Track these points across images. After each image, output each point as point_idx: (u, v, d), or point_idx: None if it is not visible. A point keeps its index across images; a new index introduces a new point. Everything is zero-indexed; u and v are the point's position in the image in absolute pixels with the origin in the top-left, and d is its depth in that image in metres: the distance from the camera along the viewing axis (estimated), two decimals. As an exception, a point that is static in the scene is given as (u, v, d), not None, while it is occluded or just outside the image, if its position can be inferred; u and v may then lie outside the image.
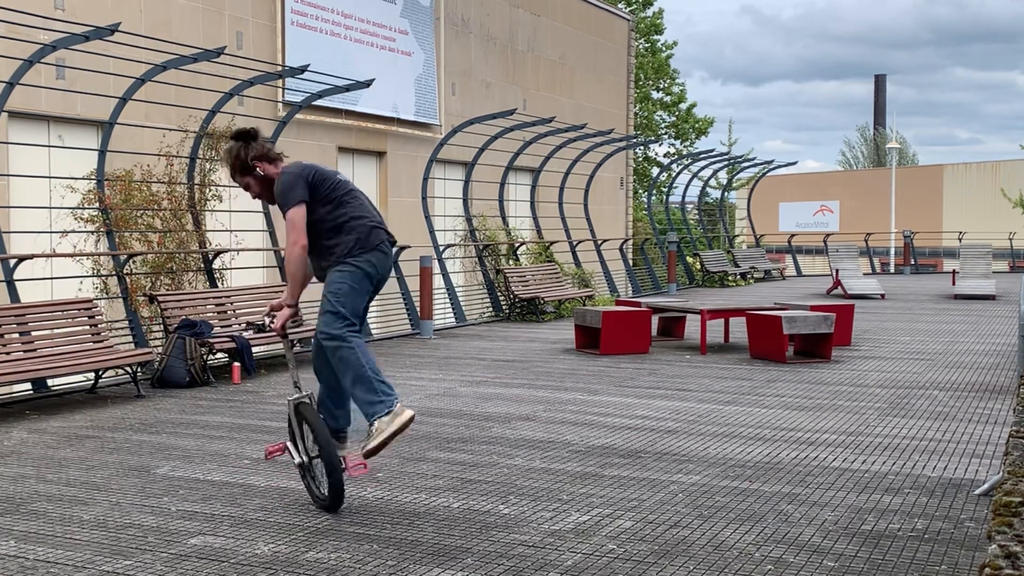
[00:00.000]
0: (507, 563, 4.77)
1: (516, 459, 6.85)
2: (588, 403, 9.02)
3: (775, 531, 5.25)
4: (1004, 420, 8.11)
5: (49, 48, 10.39)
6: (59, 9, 15.02)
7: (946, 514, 5.54)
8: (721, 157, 28.62)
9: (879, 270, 32.50)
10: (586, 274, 19.63)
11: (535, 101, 26.88)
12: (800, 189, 63.40)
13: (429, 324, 14.39)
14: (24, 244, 13.20)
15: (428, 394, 9.51)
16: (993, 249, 23.86)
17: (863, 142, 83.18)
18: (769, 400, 9.13)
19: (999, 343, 13.35)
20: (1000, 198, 45.98)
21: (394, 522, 5.41)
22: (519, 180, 23.05)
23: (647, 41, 41.02)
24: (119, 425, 8.19)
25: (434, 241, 17.06)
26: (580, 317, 12.82)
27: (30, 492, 6.08)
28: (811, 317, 11.75)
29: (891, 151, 51.66)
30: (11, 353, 8.96)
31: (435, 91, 23.83)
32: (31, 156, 14.41)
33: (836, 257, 22.70)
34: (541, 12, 28.32)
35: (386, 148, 22.55)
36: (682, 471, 6.52)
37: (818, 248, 32.54)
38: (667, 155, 41.55)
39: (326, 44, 20.48)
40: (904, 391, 9.58)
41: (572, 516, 5.52)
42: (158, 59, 11.60)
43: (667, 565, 4.75)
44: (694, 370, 11.01)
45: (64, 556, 4.91)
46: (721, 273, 25.09)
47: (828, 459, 6.84)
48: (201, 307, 11.22)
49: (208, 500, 5.88)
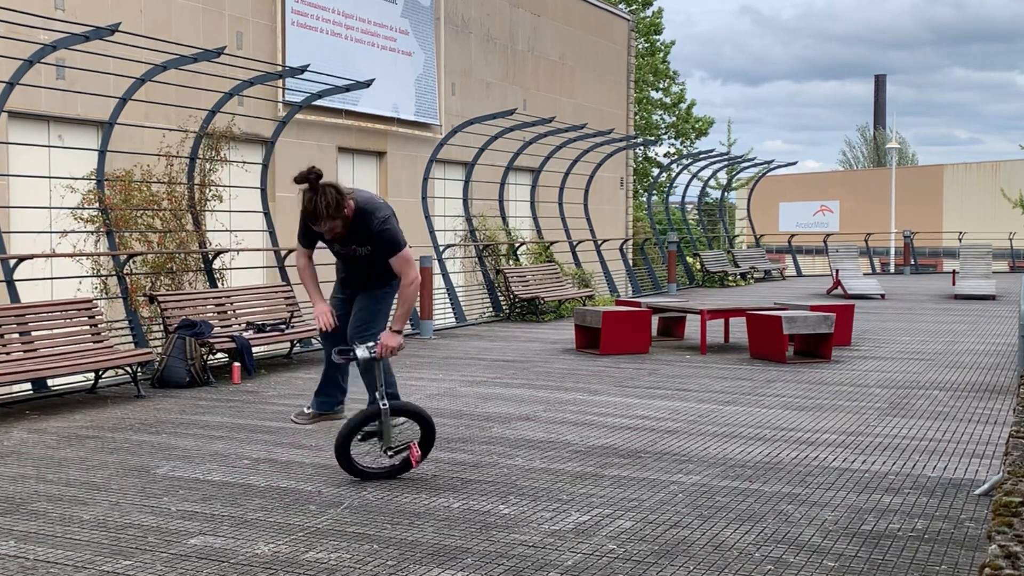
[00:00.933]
0: (507, 563, 4.77)
1: (516, 459, 6.85)
2: (588, 403, 9.02)
3: (775, 531, 5.25)
4: (1004, 420, 8.11)
5: (49, 48, 10.39)
6: (59, 9, 15.02)
7: (946, 514, 5.54)
8: (721, 157, 28.62)
9: (879, 270, 32.49)
10: (586, 274, 19.62)
11: (535, 101, 26.88)
12: (800, 189, 63.41)
13: (429, 324, 14.39)
14: (24, 244, 13.20)
15: (428, 394, 9.51)
16: (993, 249, 23.86)
17: (863, 142, 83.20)
18: (769, 400, 9.13)
19: (999, 343, 13.35)
20: (1000, 198, 45.99)
21: (394, 522, 5.41)
22: (519, 180, 23.05)
23: (647, 41, 41.02)
24: (119, 425, 8.19)
25: (434, 241, 17.06)
26: (580, 317, 12.82)
27: (30, 492, 6.08)
28: (811, 317, 11.75)
29: (891, 151, 51.68)
30: (11, 353, 8.95)
31: (435, 91, 23.84)
32: (31, 156, 14.42)
33: (836, 257, 22.70)
34: (541, 12, 28.33)
35: (386, 148, 22.55)
36: (682, 471, 6.52)
37: (818, 248, 32.55)
38: (667, 155, 41.57)
39: (326, 44, 20.48)
40: (904, 391, 9.58)
41: (572, 516, 5.52)
42: (158, 59, 11.60)
43: (667, 565, 4.75)
44: (694, 370, 11.01)
45: (64, 556, 4.91)
46: (721, 273, 25.09)
47: (828, 459, 6.83)
48: (201, 307, 11.22)
49: (208, 500, 5.88)
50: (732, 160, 29.90)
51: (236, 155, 14.33)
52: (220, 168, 13.61)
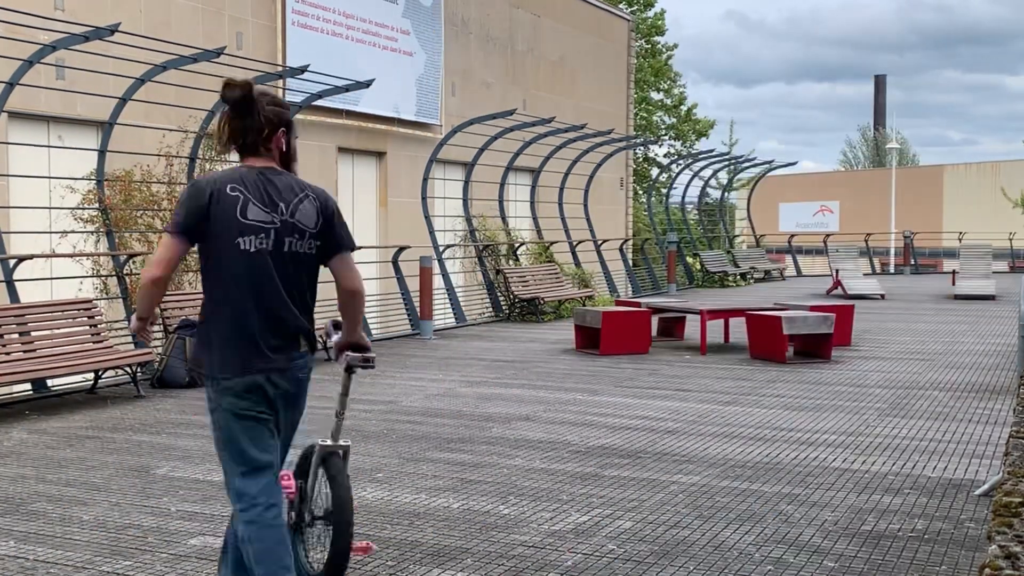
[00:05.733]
0: (507, 563, 4.77)
1: (516, 459, 6.85)
2: (588, 403, 9.02)
3: (775, 531, 5.25)
4: (1004, 420, 8.10)
5: (49, 48, 10.39)
6: (59, 9, 15.02)
7: (946, 514, 5.54)
8: (721, 157, 28.61)
9: (879, 270, 32.46)
10: (586, 274, 19.62)
11: (535, 101, 26.87)
12: (800, 189, 63.42)
13: (429, 324, 14.38)
14: (24, 244, 13.19)
15: (428, 394, 9.51)
16: (993, 249, 23.85)
17: (864, 142, 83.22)
18: (769, 400, 9.13)
19: (999, 343, 13.35)
20: (1000, 198, 45.99)
21: (394, 522, 5.41)
22: (519, 180, 23.03)
23: (648, 42, 41.02)
24: (119, 425, 8.19)
25: (434, 241, 17.06)
26: (580, 317, 12.81)
27: (30, 492, 6.08)
28: (811, 317, 11.74)
29: (891, 151, 51.67)
30: (11, 353, 8.95)
31: (436, 91, 23.84)
32: (31, 156, 14.41)
33: (836, 257, 22.70)
34: (541, 12, 28.32)
35: (386, 148, 22.55)
36: (682, 471, 6.51)
37: (818, 248, 32.51)
38: (667, 155, 41.56)
39: (327, 44, 20.48)
40: (904, 391, 9.58)
41: (572, 516, 5.51)
42: (158, 59, 11.60)
43: (667, 565, 4.74)
44: (694, 370, 11.01)
45: (64, 556, 4.91)
46: (721, 273, 25.09)
47: (828, 459, 6.83)
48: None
49: (208, 500, 5.87)
50: (733, 160, 29.89)
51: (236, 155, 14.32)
52: (220, 168, 13.59)
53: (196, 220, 3.81)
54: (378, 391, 9.72)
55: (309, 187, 4.00)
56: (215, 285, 3.86)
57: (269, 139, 4.02)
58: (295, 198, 3.91)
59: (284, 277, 3.85)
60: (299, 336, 3.91)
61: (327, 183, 20.84)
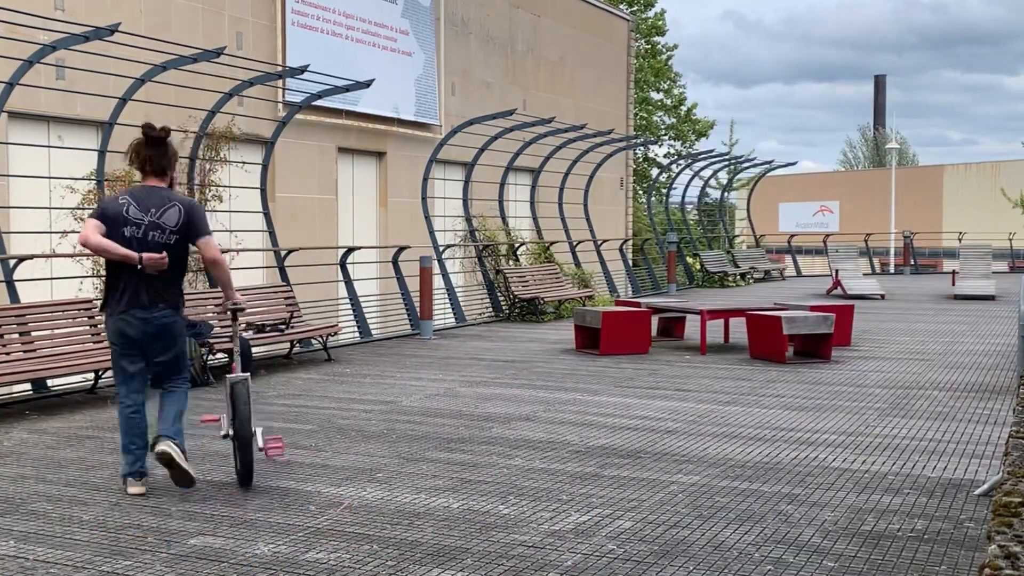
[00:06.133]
0: (507, 563, 4.77)
1: (516, 459, 6.85)
2: (588, 403, 9.02)
3: (775, 531, 5.25)
4: (1004, 420, 8.10)
5: (49, 48, 10.39)
6: (59, 9, 15.02)
7: (946, 514, 5.54)
8: (721, 157, 28.62)
9: (879, 270, 32.48)
10: (586, 274, 19.63)
11: (535, 101, 26.88)
12: (800, 189, 63.44)
13: (429, 324, 14.39)
14: (24, 244, 13.20)
15: (428, 394, 9.51)
16: (993, 249, 23.86)
17: (864, 142, 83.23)
18: (769, 400, 9.13)
19: (999, 343, 13.35)
20: (1000, 198, 46.01)
21: (394, 522, 5.41)
22: (519, 180, 23.05)
23: (648, 43, 41.03)
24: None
25: (434, 241, 17.06)
26: (580, 317, 12.82)
27: (30, 492, 6.08)
28: (811, 317, 11.75)
29: (891, 151, 51.68)
30: (11, 353, 8.95)
31: (435, 91, 23.84)
32: (31, 156, 14.41)
33: (836, 257, 22.70)
34: (541, 12, 28.33)
35: (386, 148, 22.56)
36: (682, 471, 6.52)
37: (818, 248, 32.54)
38: (667, 155, 41.57)
39: (326, 44, 20.48)
40: (904, 391, 9.58)
41: (572, 516, 5.51)
42: (158, 59, 11.60)
43: (667, 565, 4.75)
44: (694, 370, 11.01)
45: (64, 556, 4.91)
46: (721, 273, 25.09)
47: (828, 459, 6.84)
48: (201, 307, 11.22)
49: (208, 500, 5.88)
50: (733, 160, 29.90)
51: (236, 155, 14.33)
52: (220, 168, 13.60)
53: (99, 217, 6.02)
54: (378, 391, 9.72)
55: (178, 199, 6.14)
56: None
57: (174, 167, 6.26)
58: (164, 206, 6.02)
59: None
60: (162, 295, 6.08)
61: (327, 183, 20.86)
